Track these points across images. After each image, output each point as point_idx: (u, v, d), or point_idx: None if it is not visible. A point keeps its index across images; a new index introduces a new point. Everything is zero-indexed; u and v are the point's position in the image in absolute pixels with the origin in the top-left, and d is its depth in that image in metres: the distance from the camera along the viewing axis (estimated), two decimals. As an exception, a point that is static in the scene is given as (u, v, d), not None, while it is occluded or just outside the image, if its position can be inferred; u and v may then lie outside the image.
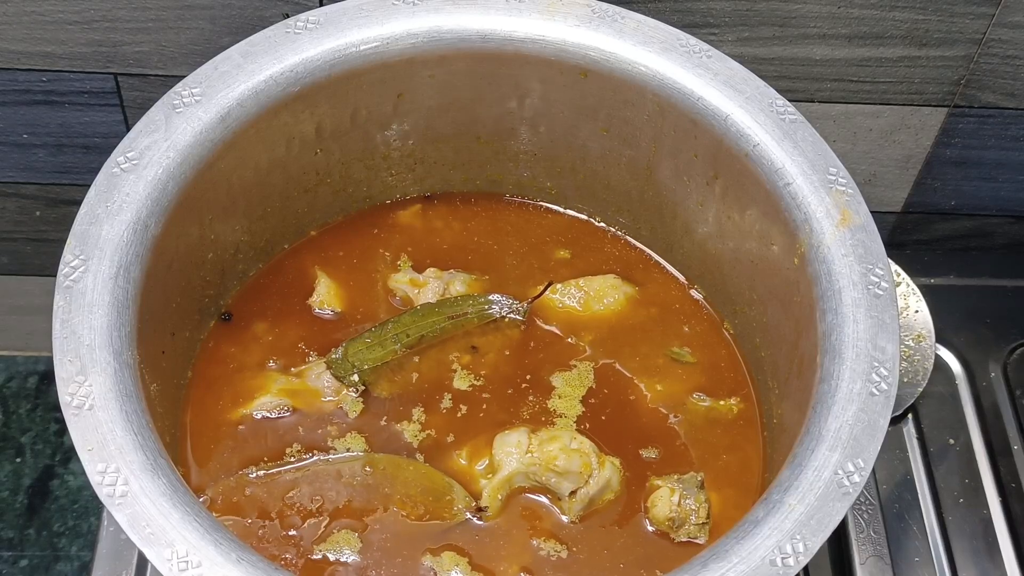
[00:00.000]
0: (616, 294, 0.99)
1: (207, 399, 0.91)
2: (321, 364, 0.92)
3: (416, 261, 1.00)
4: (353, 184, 1.01)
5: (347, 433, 0.89)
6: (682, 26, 0.93)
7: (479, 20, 0.91)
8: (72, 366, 0.73)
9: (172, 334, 0.88)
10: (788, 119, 0.88)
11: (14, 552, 1.23)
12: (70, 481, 1.28)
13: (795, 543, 0.70)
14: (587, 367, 0.95)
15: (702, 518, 0.86)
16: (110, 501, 0.69)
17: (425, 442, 0.89)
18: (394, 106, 0.96)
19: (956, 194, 1.21)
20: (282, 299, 0.97)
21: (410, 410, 0.91)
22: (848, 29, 1.04)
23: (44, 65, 1.06)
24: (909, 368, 1.08)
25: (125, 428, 0.71)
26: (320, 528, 0.84)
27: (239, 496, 0.85)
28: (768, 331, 0.92)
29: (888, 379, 0.77)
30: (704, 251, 0.98)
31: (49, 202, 1.19)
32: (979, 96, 1.11)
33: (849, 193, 0.85)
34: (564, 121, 0.98)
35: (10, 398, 1.34)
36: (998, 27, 1.04)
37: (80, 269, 0.77)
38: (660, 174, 0.97)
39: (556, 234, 1.04)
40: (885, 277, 0.81)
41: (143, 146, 0.82)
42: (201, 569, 0.67)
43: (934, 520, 1.03)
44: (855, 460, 0.74)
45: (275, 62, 0.87)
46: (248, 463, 0.87)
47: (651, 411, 0.93)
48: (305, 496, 0.85)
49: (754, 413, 0.94)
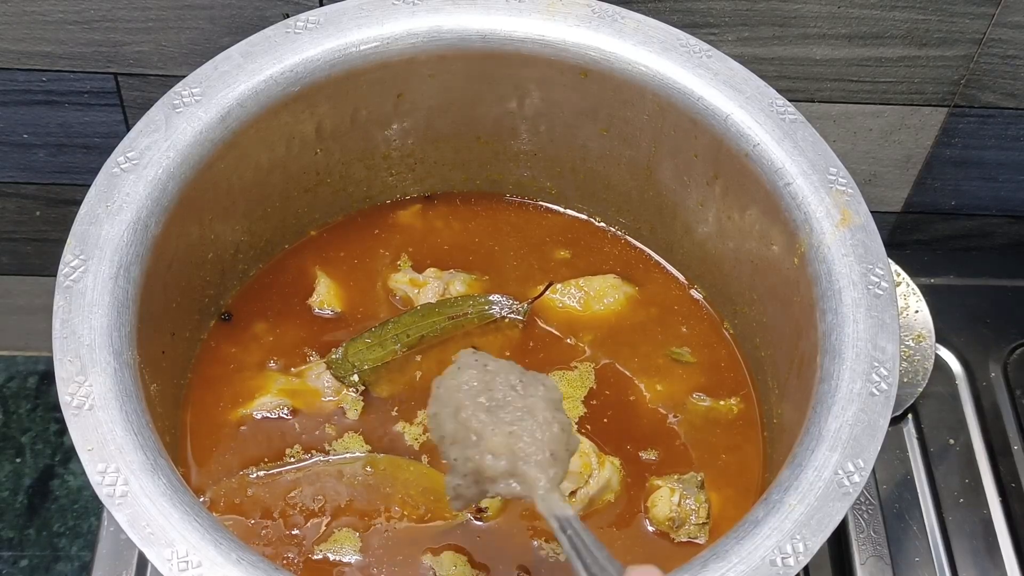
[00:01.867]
0: (616, 294, 0.99)
1: (207, 399, 0.91)
2: (321, 364, 0.92)
3: (416, 261, 1.00)
4: (353, 184, 1.01)
5: (347, 433, 0.89)
6: (682, 26, 0.93)
7: (479, 20, 0.91)
8: (72, 366, 0.73)
9: (172, 334, 0.88)
10: (788, 119, 0.88)
11: (14, 552, 1.23)
12: (70, 481, 1.28)
13: (795, 543, 0.70)
14: (588, 368, 0.94)
15: (702, 518, 0.86)
16: (110, 501, 0.69)
17: (426, 443, 0.89)
18: (394, 106, 0.96)
19: (956, 194, 1.21)
20: (282, 299, 0.97)
21: (410, 410, 0.91)
22: (848, 29, 1.04)
23: (44, 65, 1.06)
24: (909, 368, 1.08)
25: (125, 428, 0.71)
26: (321, 528, 0.84)
27: (240, 497, 0.85)
28: (768, 331, 0.92)
29: (888, 379, 0.77)
30: (704, 251, 0.98)
31: (49, 202, 1.19)
32: (979, 96, 1.11)
33: (849, 193, 0.85)
34: (564, 121, 0.98)
35: (10, 398, 1.34)
36: (998, 27, 1.04)
37: (80, 269, 0.77)
38: (660, 174, 0.97)
39: (556, 234, 1.04)
40: (885, 277, 0.81)
41: (143, 146, 0.82)
42: (201, 569, 0.67)
43: (934, 520, 1.03)
44: (855, 460, 0.74)
45: (275, 62, 0.87)
46: (248, 463, 0.87)
47: (651, 411, 0.93)
48: (306, 496, 0.85)
49: (754, 413, 0.94)
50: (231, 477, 0.86)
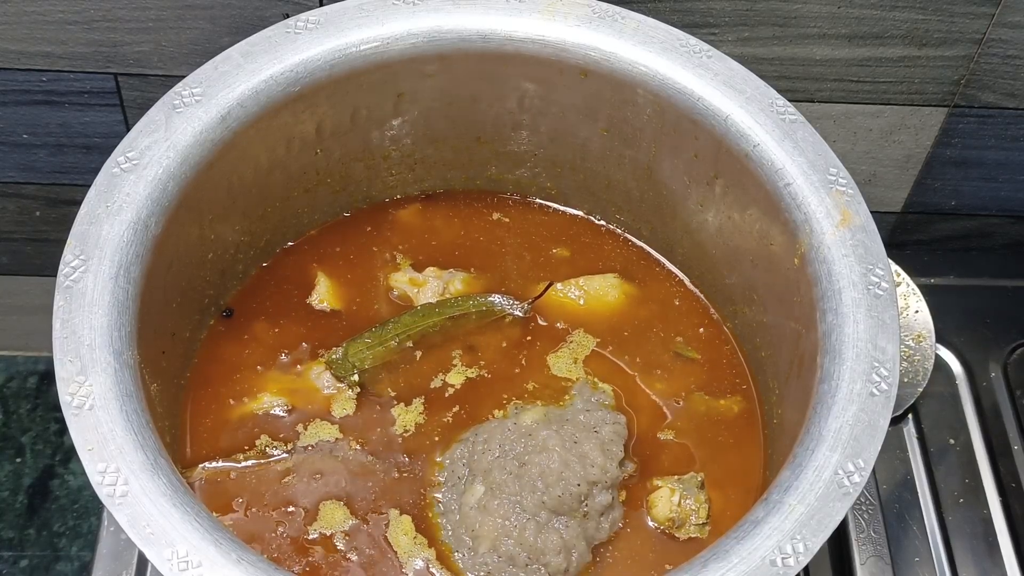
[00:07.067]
0: (616, 293, 0.99)
1: (207, 398, 0.91)
2: (321, 363, 0.92)
3: (416, 260, 1.00)
4: (353, 183, 1.01)
5: (346, 432, 0.89)
6: (682, 26, 0.93)
7: (479, 20, 0.91)
8: (72, 366, 0.73)
9: (172, 334, 0.88)
10: (788, 119, 0.88)
11: (14, 552, 1.23)
12: (70, 481, 1.28)
13: (795, 543, 0.70)
14: (587, 367, 0.94)
15: (702, 518, 0.86)
16: (110, 501, 0.69)
17: (426, 441, 0.89)
18: (394, 106, 0.96)
19: (956, 194, 1.21)
20: (282, 298, 0.97)
21: (410, 409, 0.91)
22: (848, 29, 1.04)
23: (44, 65, 1.06)
24: (909, 368, 1.08)
25: (125, 428, 0.71)
26: (309, 508, 0.85)
27: (224, 478, 0.85)
28: (768, 331, 0.92)
29: (888, 379, 0.77)
30: (704, 251, 0.98)
31: (49, 202, 1.19)
32: (979, 96, 1.11)
33: (849, 193, 0.85)
34: (564, 121, 0.98)
35: (10, 398, 1.34)
36: (998, 27, 1.04)
37: (80, 269, 0.77)
38: (660, 174, 0.97)
39: (556, 233, 1.04)
40: (885, 277, 0.81)
41: (143, 146, 0.82)
42: (201, 569, 0.67)
43: (934, 520, 1.03)
44: (855, 460, 0.74)
45: (275, 62, 0.87)
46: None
47: (651, 411, 0.93)
48: (300, 480, 0.86)
49: (755, 413, 0.94)
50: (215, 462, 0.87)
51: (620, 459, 0.86)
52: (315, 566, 0.83)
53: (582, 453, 0.84)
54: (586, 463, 0.84)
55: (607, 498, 0.84)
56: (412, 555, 0.83)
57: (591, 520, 0.84)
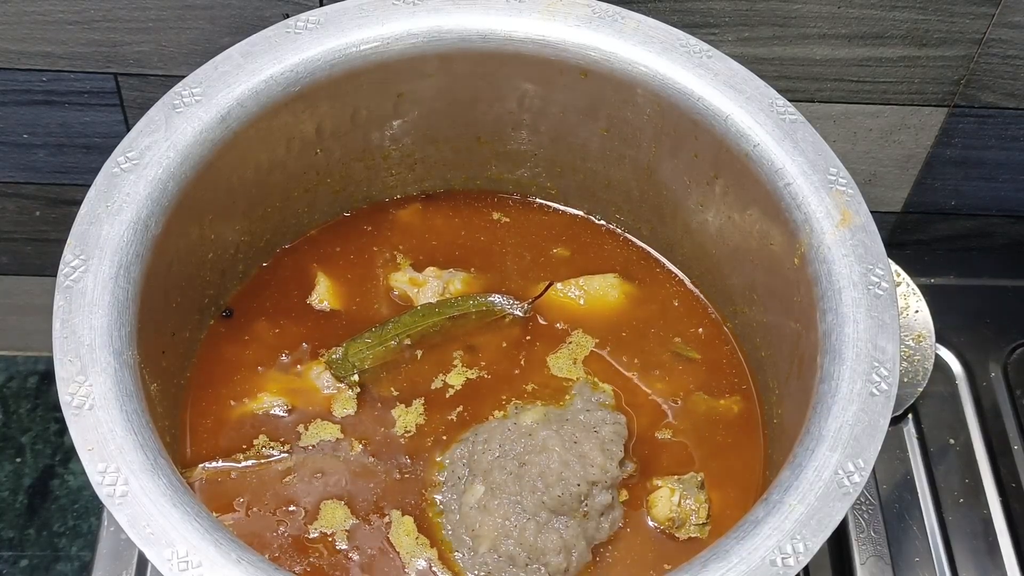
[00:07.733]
0: (616, 293, 0.99)
1: (207, 398, 0.91)
2: (321, 363, 0.92)
3: (416, 260, 1.00)
4: (353, 183, 1.01)
5: (346, 432, 0.89)
6: (682, 26, 0.94)
7: (479, 20, 0.91)
8: (72, 366, 0.73)
9: (172, 334, 0.88)
10: (788, 119, 0.88)
11: (14, 552, 1.23)
12: (70, 481, 1.28)
13: (795, 543, 0.70)
14: (587, 367, 0.94)
15: (702, 518, 0.86)
16: (110, 501, 0.69)
17: (426, 442, 0.89)
18: (394, 106, 0.96)
19: (956, 194, 1.21)
20: (282, 298, 0.97)
21: (409, 410, 0.91)
22: (848, 29, 1.04)
23: (44, 65, 1.06)
24: (909, 368, 1.08)
25: (125, 428, 0.71)
26: (309, 508, 0.85)
27: (224, 478, 0.85)
28: (768, 331, 0.92)
29: (888, 379, 0.77)
30: (704, 251, 0.98)
31: (49, 202, 1.19)
32: (979, 96, 1.11)
33: (849, 193, 0.85)
34: (564, 121, 0.98)
35: (10, 398, 1.34)
36: (998, 27, 1.04)
37: (80, 269, 0.77)
38: (660, 174, 0.97)
39: (556, 233, 1.04)
40: (885, 277, 0.81)
41: (143, 146, 0.82)
42: (201, 569, 0.67)
43: (934, 520, 1.03)
44: (855, 460, 0.74)
45: (275, 62, 0.87)
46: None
47: (651, 411, 0.93)
48: (301, 479, 0.86)
49: (755, 413, 0.94)
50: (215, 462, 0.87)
51: (620, 459, 0.86)
52: (316, 566, 0.83)
53: (582, 453, 0.84)
54: (586, 463, 0.84)
55: (607, 498, 0.84)
56: (415, 555, 0.83)
57: (591, 520, 0.84)
